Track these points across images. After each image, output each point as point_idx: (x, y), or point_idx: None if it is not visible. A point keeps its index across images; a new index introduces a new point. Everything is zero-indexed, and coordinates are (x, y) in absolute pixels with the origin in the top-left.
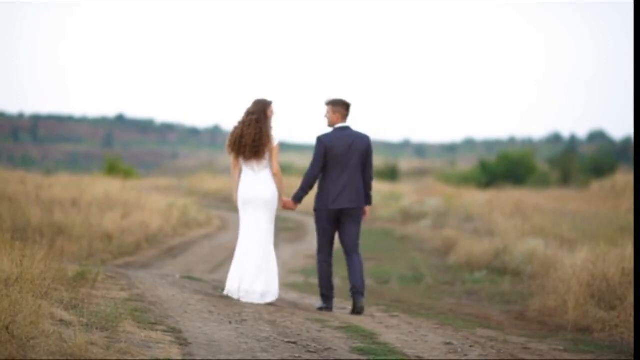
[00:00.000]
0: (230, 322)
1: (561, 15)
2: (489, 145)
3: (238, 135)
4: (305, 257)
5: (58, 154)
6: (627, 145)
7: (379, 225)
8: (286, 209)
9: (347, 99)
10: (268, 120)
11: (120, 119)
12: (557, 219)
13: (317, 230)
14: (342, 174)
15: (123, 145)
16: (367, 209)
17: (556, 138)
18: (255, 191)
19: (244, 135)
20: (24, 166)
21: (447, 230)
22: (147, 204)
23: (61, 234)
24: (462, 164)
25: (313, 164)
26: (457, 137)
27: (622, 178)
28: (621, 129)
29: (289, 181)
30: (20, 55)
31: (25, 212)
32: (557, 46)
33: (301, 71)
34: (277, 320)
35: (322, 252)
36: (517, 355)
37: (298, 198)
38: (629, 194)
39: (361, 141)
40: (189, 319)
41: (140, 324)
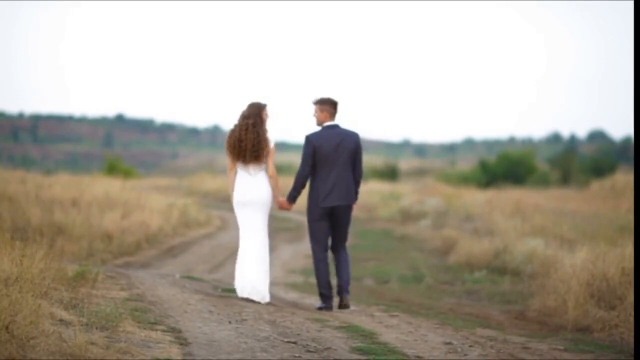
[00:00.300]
0: (230, 322)
1: (561, 15)
2: (489, 145)
3: (237, 139)
4: (305, 257)
5: (58, 154)
6: (627, 145)
7: (378, 225)
8: (282, 209)
9: (335, 97)
10: (264, 123)
11: (120, 119)
12: (557, 219)
13: (310, 229)
14: (332, 172)
15: (123, 145)
16: (354, 205)
17: (556, 138)
18: (252, 193)
19: (243, 140)
20: (24, 166)
21: (447, 230)
22: (147, 204)
23: (61, 234)
24: (462, 164)
25: (302, 163)
26: (457, 137)
27: (622, 178)
28: (621, 129)
29: (288, 181)
30: (20, 55)
31: (25, 212)
32: (557, 46)
33: (301, 71)
34: (277, 320)
35: (317, 251)
36: (517, 355)
37: (292, 198)
38: (628, 193)
39: (350, 139)
40: (189, 319)
41: (140, 323)
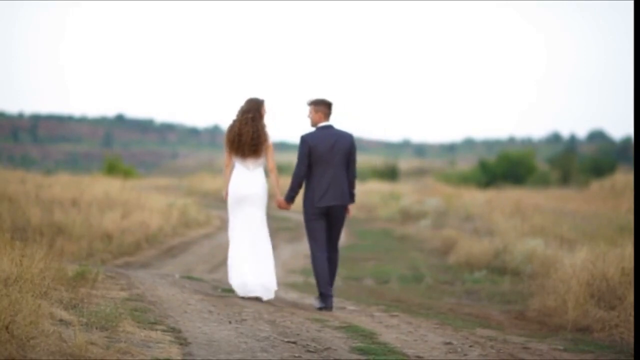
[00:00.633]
0: (230, 322)
1: (561, 15)
2: (489, 145)
3: (236, 133)
4: (305, 256)
5: (58, 154)
6: (627, 145)
7: (378, 225)
8: (281, 208)
9: (329, 98)
10: (262, 118)
11: (120, 119)
12: (557, 219)
13: (307, 230)
14: (326, 172)
15: (123, 145)
16: (350, 207)
17: (556, 138)
18: (249, 188)
19: (242, 134)
20: (23, 166)
21: (446, 230)
22: (147, 204)
23: (61, 234)
24: (462, 164)
25: (298, 163)
26: (457, 137)
27: (622, 178)
28: (621, 128)
29: (287, 180)
30: (20, 55)
31: (25, 212)
32: (557, 46)
33: (301, 71)
34: (276, 320)
35: (315, 251)
36: (516, 355)
37: (290, 198)
38: (628, 193)
39: (344, 139)
40: (189, 319)
41: (140, 323)
